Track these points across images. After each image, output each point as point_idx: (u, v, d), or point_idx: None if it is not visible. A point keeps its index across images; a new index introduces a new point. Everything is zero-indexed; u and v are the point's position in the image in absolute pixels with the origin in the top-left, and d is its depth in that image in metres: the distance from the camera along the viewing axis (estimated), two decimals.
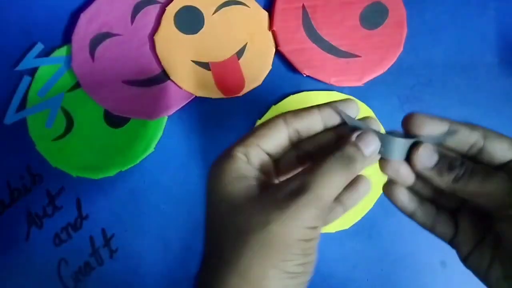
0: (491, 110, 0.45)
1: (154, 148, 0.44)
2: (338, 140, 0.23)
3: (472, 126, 0.22)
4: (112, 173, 0.44)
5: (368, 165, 0.23)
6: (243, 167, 0.22)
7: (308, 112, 0.23)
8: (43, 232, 0.44)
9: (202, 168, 0.44)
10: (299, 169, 0.24)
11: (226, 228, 0.21)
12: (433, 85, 0.45)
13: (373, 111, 0.44)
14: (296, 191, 0.20)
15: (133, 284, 0.43)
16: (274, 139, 0.23)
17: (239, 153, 0.22)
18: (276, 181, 0.24)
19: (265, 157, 0.23)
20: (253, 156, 0.22)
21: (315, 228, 0.20)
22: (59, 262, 0.43)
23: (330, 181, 0.21)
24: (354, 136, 0.22)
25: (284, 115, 0.23)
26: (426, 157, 0.22)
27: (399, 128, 0.44)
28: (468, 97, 0.45)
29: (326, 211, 0.21)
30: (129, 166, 0.44)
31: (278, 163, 0.24)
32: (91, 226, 0.44)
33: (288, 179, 0.22)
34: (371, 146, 0.22)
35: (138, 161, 0.44)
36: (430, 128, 0.21)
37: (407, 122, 0.22)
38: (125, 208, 0.44)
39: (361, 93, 0.44)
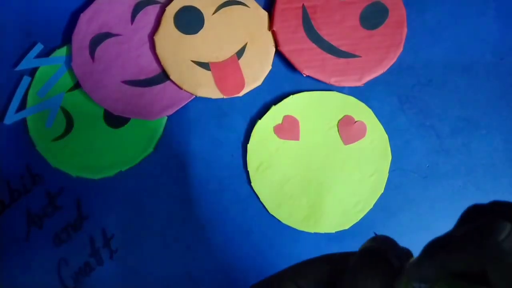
0: (491, 110, 0.45)
1: (154, 148, 0.44)
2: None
3: None
4: (112, 173, 0.44)
5: None
6: None
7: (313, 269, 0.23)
8: (43, 232, 0.44)
9: (201, 168, 0.44)
10: None
11: None
12: (433, 85, 0.45)
13: (373, 111, 0.44)
14: None
15: (133, 284, 0.43)
16: (310, 278, 0.22)
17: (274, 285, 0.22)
18: None
19: None
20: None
21: None
22: (59, 262, 0.43)
23: None
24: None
25: (327, 256, 0.23)
26: None
27: (400, 127, 0.44)
28: (468, 97, 0.45)
29: None
30: (129, 166, 0.44)
31: None
32: (91, 226, 0.44)
33: None
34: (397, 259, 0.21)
35: (138, 161, 0.44)
36: None
37: None
38: (125, 208, 0.44)
39: (361, 93, 0.44)
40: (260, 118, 0.44)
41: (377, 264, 0.20)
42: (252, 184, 0.43)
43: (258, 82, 0.44)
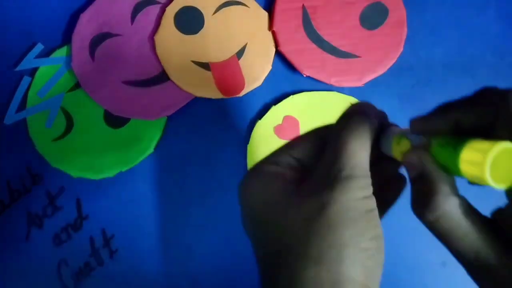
0: None
1: (154, 149, 0.44)
2: None
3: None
4: (112, 173, 0.44)
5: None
6: (273, 169, 0.23)
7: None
8: (43, 232, 0.44)
9: (201, 168, 0.44)
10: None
11: (280, 227, 0.21)
12: (433, 85, 0.45)
13: None
14: (332, 168, 0.20)
15: (133, 284, 0.43)
16: (302, 147, 0.24)
17: (266, 160, 0.23)
18: None
19: (294, 161, 0.23)
20: (280, 161, 0.23)
21: (369, 197, 0.21)
22: (59, 262, 0.43)
23: (357, 148, 0.21)
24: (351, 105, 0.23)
25: (315, 128, 0.24)
26: None
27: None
28: None
29: (369, 177, 0.21)
30: (129, 167, 0.44)
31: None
32: (91, 226, 0.44)
33: (319, 161, 0.22)
34: (371, 107, 0.23)
35: (138, 162, 0.44)
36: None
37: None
38: (125, 208, 0.44)
39: (361, 93, 0.44)
40: (260, 118, 0.44)
41: (359, 121, 0.21)
42: None
43: (258, 82, 0.44)
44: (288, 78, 0.45)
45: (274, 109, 0.44)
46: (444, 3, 0.46)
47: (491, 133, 0.18)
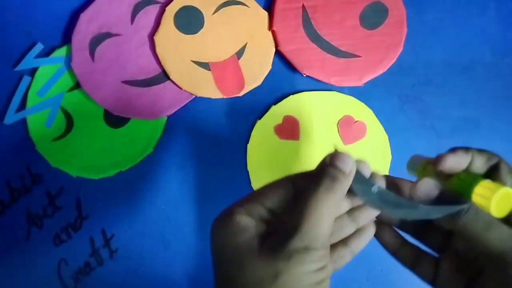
0: (491, 110, 0.45)
1: (154, 148, 0.44)
2: None
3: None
4: (112, 173, 0.44)
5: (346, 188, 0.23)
6: (243, 220, 0.23)
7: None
8: (43, 232, 0.44)
9: (201, 168, 0.44)
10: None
11: (234, 282, 0.22)
12: (433, 85, 0.45)
13: (373, 111, 0.44)
14: (292, 235, 0.21)
15: (133, 284, 0.43)
16: (275, 196, 0.24)
17: (239, 208, 0.23)
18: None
19: (265, 212, 0.24)
20: (252, 210, 0.23)
21: (322, 268, 0.21)
22: (59, 262, 0.43)
23: (320, 217, 0.21)
24: (327, 158, 0.23)
25: (290, 175, 0.24)
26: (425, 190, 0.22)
27: (400, 127, 0.44)
28: (468, 97, 0.45)
29: (327, 248, 0.22)
30: (129, 166, 0.44)
31: None
32: (91, 226, 0.44)
33: (283, 225, 0.23)
34: (347, 163, 0.23)
35: (138, 161, 0.44)
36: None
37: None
38: (125, 208, 0.44)
39: (361, 93, 0.44)
40: (260, 118, 0.44)
41: (330, 184, 0.22)
42: (252, 184, 0.43)
43: (258, 82, 0.44)
44: (288, 78, 0.45)
45: (274, 109, 0.44)
46: (444, 3, 0.46)
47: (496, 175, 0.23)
